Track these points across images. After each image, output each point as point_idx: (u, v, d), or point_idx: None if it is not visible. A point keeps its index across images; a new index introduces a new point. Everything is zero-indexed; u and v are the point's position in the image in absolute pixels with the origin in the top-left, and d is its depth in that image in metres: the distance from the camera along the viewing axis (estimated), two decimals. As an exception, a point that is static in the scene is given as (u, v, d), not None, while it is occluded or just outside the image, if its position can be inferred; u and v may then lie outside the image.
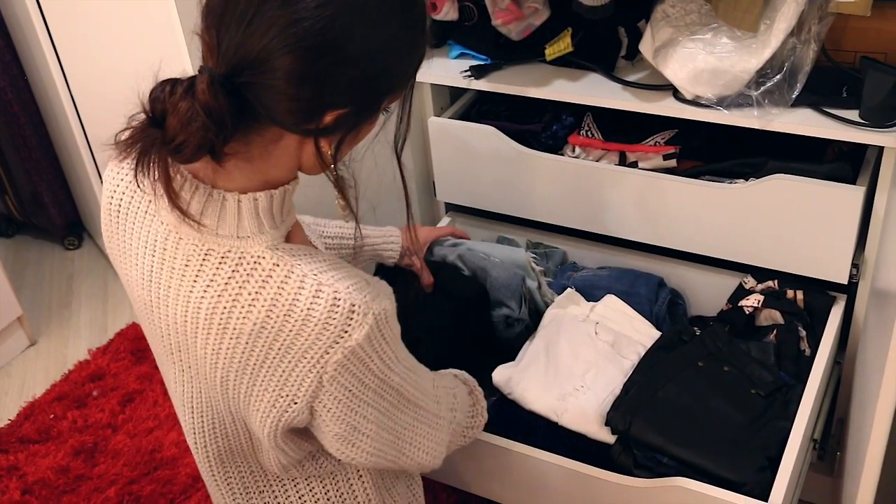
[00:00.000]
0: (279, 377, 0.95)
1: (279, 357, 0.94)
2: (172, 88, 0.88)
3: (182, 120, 0.86)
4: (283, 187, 0.97)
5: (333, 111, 0.90)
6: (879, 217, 1.44)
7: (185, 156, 0.88)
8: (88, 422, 2.16)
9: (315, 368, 0.93)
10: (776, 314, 1.53)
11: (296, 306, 0.92)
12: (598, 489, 1.32)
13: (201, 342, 0.98)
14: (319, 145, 0.93)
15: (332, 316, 0.91)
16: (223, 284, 0.95)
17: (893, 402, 1.12)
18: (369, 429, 1.01)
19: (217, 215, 0.95)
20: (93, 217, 2.69)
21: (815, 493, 1.70)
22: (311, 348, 0.92)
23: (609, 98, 1.57)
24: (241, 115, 0.88)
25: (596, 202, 1.65)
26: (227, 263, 0.95)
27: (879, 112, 1.37)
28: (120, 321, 2.54)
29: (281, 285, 0.93)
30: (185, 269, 0.97)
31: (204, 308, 0.96)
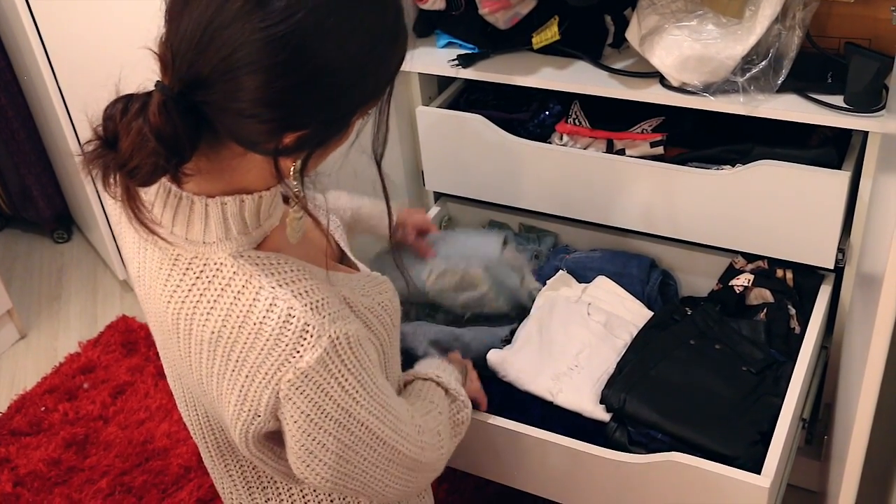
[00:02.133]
0: (240, 388, 0.92)
1: (237, 368, 0.91)
2: (125, 107, 0.83)
3: (134, 143, 0.80)
4: (257, 194, 0.92)
5: (294, 133, 0.84)
6: (864, 202, 1.45)
7: (142, 180, 0.83)
8: (80, 414, 2.17)
9: (270, 385, 0.90)
10: (766, 293, 1.55)
11: (249, 318, 0.89)
12: (594, 466, 1.33)
13: (175, 345, 0.98)
14: (278, 165, 0.88)
15: (283, 332, 0.88)
16: (186, 291, 0.93)
17: (877, 386, 1.13)
18: (328, 458, 0.96)
19: (186, 220, 0.92)
20: (82, 210, 2.68)
21: (804, 477, 1.72)
22: (265, 363, 0.89)
23: (596, 86, 1.58)
24: (198, 133, 0.84)
25: (584, 190, 1.66)
26: (192, 270, 0.92)
27: (864, 97, 1.38)
28: (110, 314, 2.54)
29: (237, 295, 0.90)
30: (158, 272, 0.95)
31: (171, 313, 0.95)
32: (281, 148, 0.86)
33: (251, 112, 0.81)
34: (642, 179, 1.59)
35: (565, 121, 1.69)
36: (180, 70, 0.81)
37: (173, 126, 0.80)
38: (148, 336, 2.40)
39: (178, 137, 0.81)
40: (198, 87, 0.81)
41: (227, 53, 0.78)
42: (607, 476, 1.34)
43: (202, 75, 0.80)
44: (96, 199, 2.44)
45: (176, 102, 0.80)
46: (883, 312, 1.07)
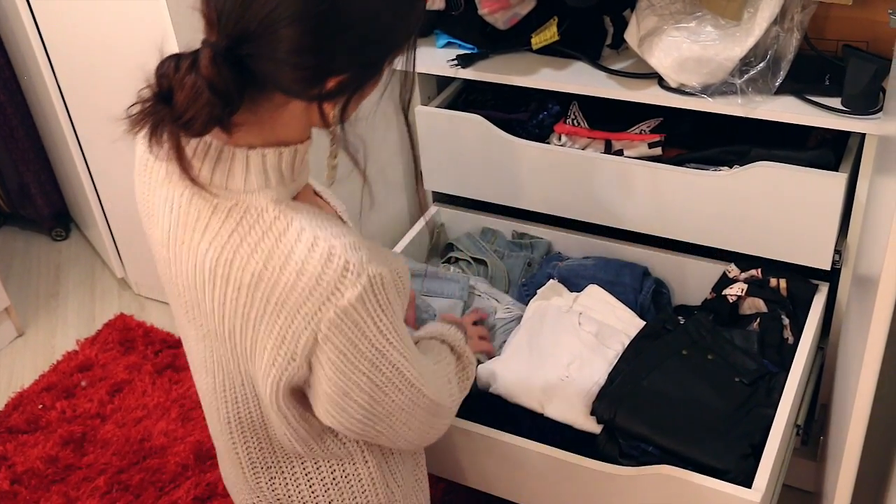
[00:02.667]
0: (278, 332, 0.96)
1: (276, 311, 0.95)
2: (177, 64, 0.89)
3: (189, 96, 0.88)
4: (293, 146, 0.98)
5: (336, 77, 0.92)
6: (861, 203, 1.46)
7: (196, 130, 0.90)
8: (77, 412, 2.17)
9: (310, 325, 0.93)
10: (759, 303, 1.55)
11: (291, 258, 0.93)
12: (584, 478, 1.33)
13: (209, 296, 1.00)
14: (323, 110, 0.95)
15: (325, 271, 0.92)
16: (227, 236, 0.96)
17: (873, 386, 1.13)
18: (361, 398, 1.00)
19: (227, 171, 0.96)
20: (80, 208, 2.68)
21: (800, 478, 1.72)
22: (306, 303, 0.93)
23: (595, 86, 1.58)
24: (245, 85, 0.90)
25: (582, 190, 1.66)
26: (233, 216, 0.96)
27: (861, 99, 1.39)
28: (108, 311, 2.54)
29: (279, 237, 0.94)
30: (196, 223, 0.99)
31: (209, 260, 0.98)
32: (324, 93, 0.93)
33: (295, 60, 0.89)
34: (640, 180, 1.59)
35: (564, 121, 1.70)
36: (227, 27, 0.88)
37: (224, 78, 0.87)
38: (146, 334, 2.40)
39: (229, 89, 0.88)
40: (244, 41, 0.87)
41: (270, 9, 0.86)
42: (597, 488, 1.34)
43: (248, 30, 0.87)
44: (94, 196, 2.44)
45: (224, 56, 0.87)
46: (879, 313, 1.08)
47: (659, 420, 1.35)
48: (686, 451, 1.31)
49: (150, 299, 2.59)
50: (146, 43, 2.02)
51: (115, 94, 2.17)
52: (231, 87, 0.88)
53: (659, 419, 1.35)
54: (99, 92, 2.17)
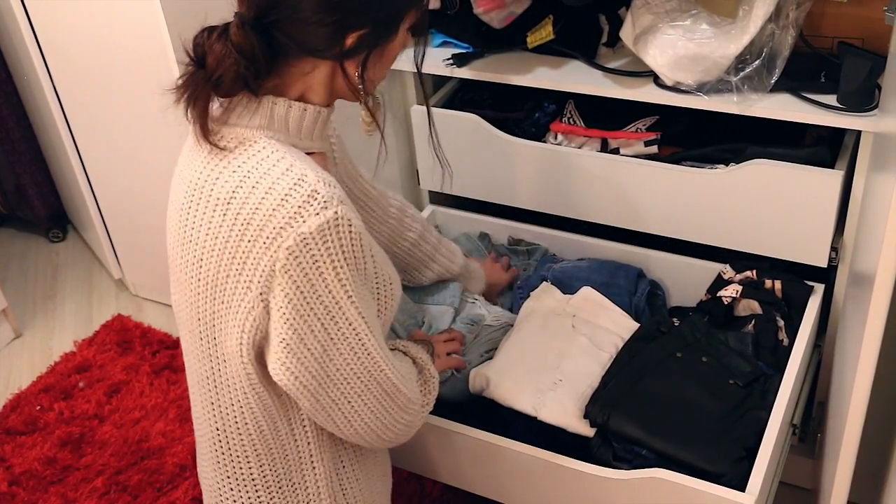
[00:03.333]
0: (240, 257, 0.98)
1: (242, 231, 0.98)
2: (210, 33, 1.00)
3: (217, 58, 0.98)
4: (311, 107, 1.05)
5: (354, 32, 1.00)
6: (857, 200, 1.46)
7: (224, 89, 0.99)
8: (75, 413, 2.16)
9: (269, 251, 0.96)
10: (754, 304, 1.54)
11: (265, 179, 0.98)
12: (577, 481, 1.33)
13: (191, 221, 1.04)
14: (345, 67, 1.04)
15: (292, 193, 0.96)
16: (217, 160, 1.03)
17: (869, 383, 1.13)
18: (315, 347, 0.99)
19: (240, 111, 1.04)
20: (77, 209, 2.68)
21: (798, 475, 1.72)
22: (268, 225, 0.96)
23: (590, 85, 1.58)
24: (272, 50, 1.00)
25: (578, 189, 1.66)
26: (228, 147, 1.03)
27: (857, 96, 1.39)
28: (105, 313, 2.54)
29: (261, 161, 1.00)
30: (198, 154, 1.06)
31: (199, 181, 1.04)
32: (345, 50, 1.02)
33: (315, 18, 0.98)
34: (636, 178, 1.59)
35: (560, 120, 1.70)
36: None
37: (251, 43, 0.98)
38: (144, 335, 2.40)
39: (254, 52, 0.98)
40: (269, 8, 0.98)
41: None
42: (591, 492, 1.33)
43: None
44: (91, 197, 2.44)
45: (252, 25, 0.98)
46: (875, 310, 1.08)
47: (653, 423, 1.34)
48: (680, 455, 1.31)
49: (148, 300, 2.59)
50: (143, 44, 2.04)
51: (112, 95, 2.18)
52: (256, 51, 0.98)
53: (653, 422, 1.35)
54: (95, 93, 2.17)
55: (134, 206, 2.36)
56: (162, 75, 1.90)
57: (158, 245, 2.33)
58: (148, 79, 1.99)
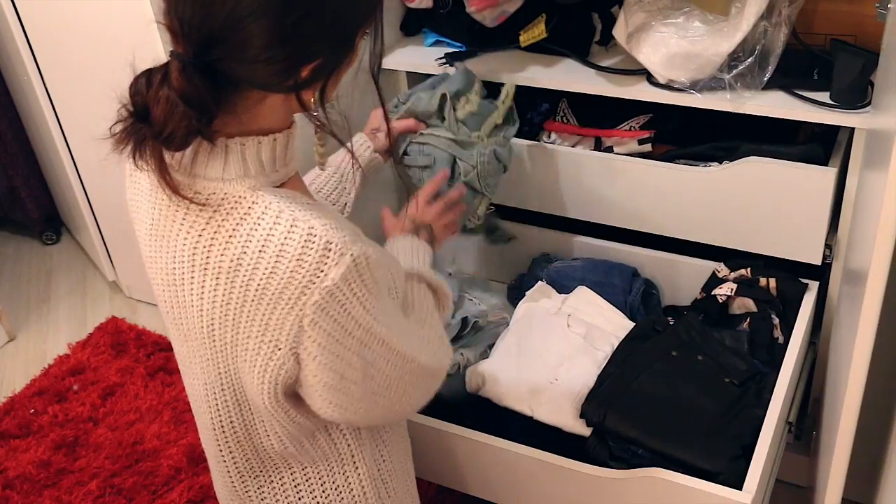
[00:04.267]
0: (259, 320, 0.94)
1: (257, 298, 0.93)
2: (149, 80, 0.89)
3: (164, 111, 0.88)
4: (273, 135, 0.97)
5: (309, 64, 0.91)
6: (851, 197, 1.46)
7: (178, 144, 0.90)
8: (69, 416, 2.16)
9: (294, 311, 0.91)
10: (749, 302, 1.54)
11: (270, 241, 0.92)
12: (574, 481, 1.33)
13: (188, 288, 0.99)
14: (301, 99, 0.95)
15: (305, 252, 0.90)
16: (204, 223, 0.95)
17: (863, 380, 1.13)
18: (356, 377, 0.99)
19: (206, 160, 0.95)
20: (70, 211, 2.68)
21: (793, 473, 1.72)
22: (287, 288, 0.91)
23: (584, 84, 1.58)
24: (219, 90, 0.90)
25: (572, 187, 1.66)
26: (210, 204, 0.95)
27: (850, 93, 1.39)
28: (99, 315, 2.53)
29: (258, 220, 0.93)
30: (175, 215, 0.98)
31: (188, 249, 0.97)
32: (300, 82, 0.92)
33: (266, 56, 0.88)
34: (630, 177, 1.59)
35: (553, 119, 1.70)
36: (190, 34, 0.87)
37: (196, 87, 0.87)
38: (138, 337, 2.39)
39: (202, 98, 0.87)
40: (210, 46, 0.87)
41: (230, 8, 0.85)
42: (587, 491, 1.33)
43: (212, 34, 0.86)
44: (84, 200, 2.43)
45: (193, 66, 0.87)
46: (868, 307, 1.08)
47: (649, 422, 1.34)
48: (676, 454, 1.31)
49: (142, 302, 2.58)
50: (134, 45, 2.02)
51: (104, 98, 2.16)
52: (205, 95, 0.87)
53: (649, 421, 1.34)
54: (87, 95, 2.16)
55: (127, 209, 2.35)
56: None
57: (152, 247, 2.34)
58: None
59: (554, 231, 1.77)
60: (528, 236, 1.80)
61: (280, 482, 1.14)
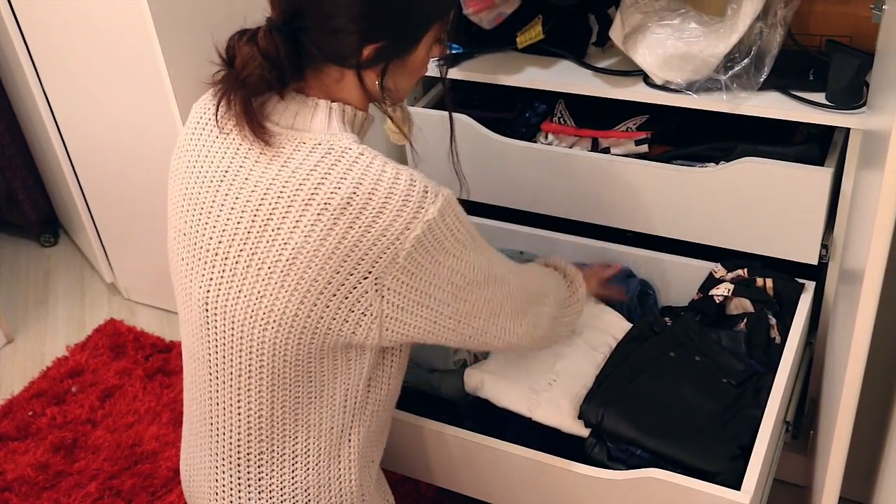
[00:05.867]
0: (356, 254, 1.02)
1: (361, 232, 1.02)
2: (241, 36, 1.04)
3: (244, 60, 1.02)
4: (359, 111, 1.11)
5: (371, 44, 1.04)
6: (847, 198, 1.46)
7: (248, 88, 1.04)
8: (67, 418, 2.16)
9: (394, 245, 1.02)
10: (746, 303, 1.55)
11: (380, 185, 1.02)
12: (572, 482, 1.33)
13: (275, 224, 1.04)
14: (362, 77, 1.07)
15: (410, 194, 1.02)
16: (313, 165, 1.04)
17: (859, 380, 1.14)
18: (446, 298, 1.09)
19: (310, 116, 1.08)
20: (68, 213, 2.68)
21: (790, 472, 1.73)
22: (394, 223, 1.02)
23: (580, 85, 1.58)
24: (300, 57, 1.05)
25: (569, 188, 1.66)
26: (318, 151, 1.05)
27: (845, 94, 1.39)
28: (98, 317, 2.53)
29: (366, 168, 1.03)
30: (272, 160, 1.06)
31: (290, 187, 1.04)
32: (362, 61, 1.06)
33: (337, 27, 1.02)
34: (627, 178, 1.60)
35: (550, 120, 1.70)
36: (281, 2, 1.04)
37: (276, 48, 1.02)
38: (136, 339, 2.39)
39: (279, 57, 1.03)
40: (296, 15, 1.03)
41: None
42: (586, 492, 1.33)
43: (298, 4, 1.02)
44: (82, 201, 2.43)
45: (279, 30, 1.03)
46: (864, 306, 1.08)
47: (647, 423, 1.34)
48: (675, 454, 1.31)
49: (140, 304, 2.58)
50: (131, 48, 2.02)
51: (101, 98, 2.17)
52: (282, 55, 1.02)
53: (647, 422, 1.35)
54: (85, 97, 2.16)
55: (126, 210, 2.35)
56: (152, 78, 1.89)
57: (151, 248, 2.35)
58: (138, 82, 1.99)
59: (552, 232, 1.77)
60: (527, 237, 1.80)
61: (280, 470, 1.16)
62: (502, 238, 1.82)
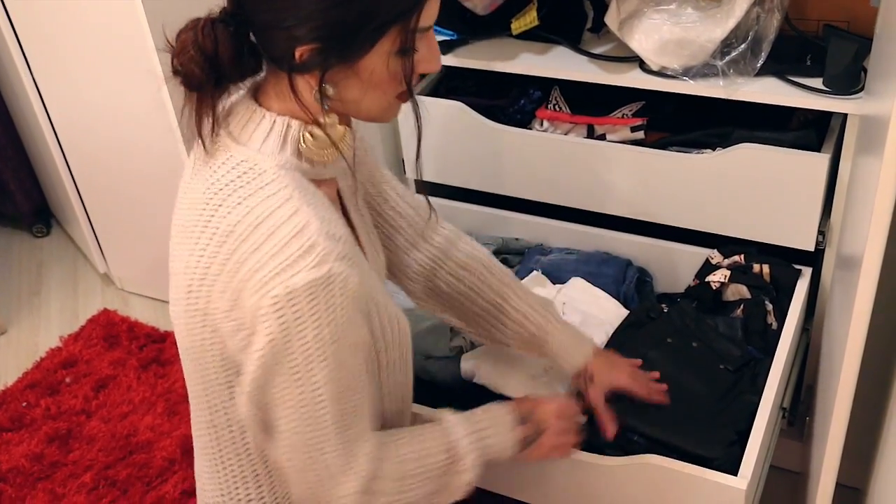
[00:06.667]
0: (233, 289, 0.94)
1: (237, 266, 0.93)
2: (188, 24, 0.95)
3: (179, 50, 0.93)
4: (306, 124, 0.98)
5: (304, 45, 0.92)
6: (844, 184, 1.46)
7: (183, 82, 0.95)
8: (62, 408, 2.15)
9: (258, 293, 0.91)
10: (743, 289, 1.54)
11: (269, 220, 0.92)
12: (569, 468, 1.32)
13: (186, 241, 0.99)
14: (294, 83, 0.95)
15: (292, 242, 0.90)
16: (225, 184, 0.97)
17: (857, 367, 1.13)
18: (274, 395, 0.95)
19: (252, 130, 0.98)
20: (61, 204, 2.66)
21: (786, 459, 1.73)
22: (264, 268, 0.91)
23: (576, 71, 1.57)
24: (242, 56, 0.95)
25: (565, 175, 1.65)
26: (238, 168, 0.97)
27: (843, 79, 1.39)
28: (91, 307, 2.52)
29: (268, 197, 0.94)
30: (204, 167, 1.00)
31: (199, 203, 0.98)
32: (294, 64, 0.93)
33: (268, 22, 0.92)
34: (623, 164, 1.59)
35: (545, 107, 1.69)
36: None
37: (210, 40, 0.92)
38: (130, 329, 2.38)
39: (215, 51, 0.92)
40: (241, 7, 0.94)
41: None
42: (583, 478, 1.32)
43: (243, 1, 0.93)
44: (75, 192, 2.42)
45: (224, 22, 0.93)
46: (862, 292, 1.07)
47: (644, 409, 1.34)
48: (672, 440, 1.30)
49: (134, 294, 2.57)
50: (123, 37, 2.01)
51: (93, 87, 2.15)
52: (221, 52, 0.92)
53: (644, 408, 1.34)
54: (76, 85, 2.14)
55: (119, 200, 2.34)
56: (144, 68, 1.88)
57: (144, 238, 2.34)
58: (130, 72, 1.98)
59: (547, 220, 1.76)
60: (522, 224, 1.79)
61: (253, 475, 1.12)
62: (497, 226, 1.81)
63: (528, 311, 1.31)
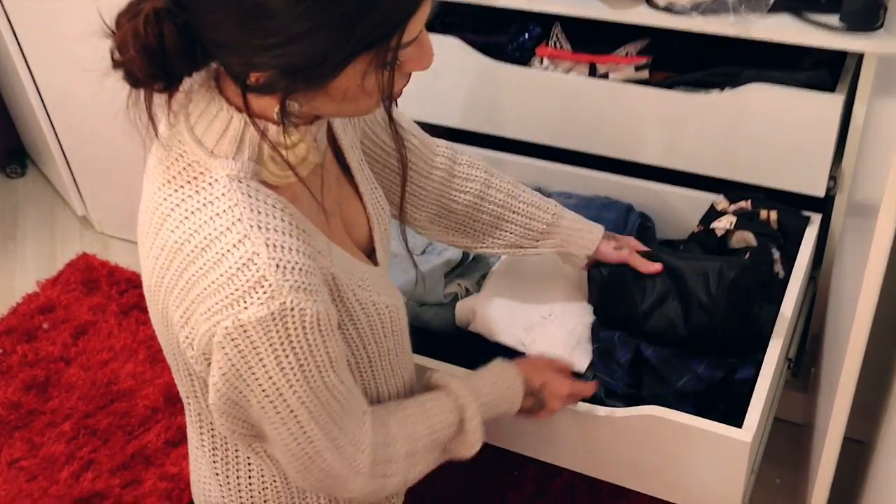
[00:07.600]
0: (185, 309, 0.87)
1: (187, 288, 0.86)
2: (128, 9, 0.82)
3: (119, 42, 0.82)
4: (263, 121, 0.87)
5: (256, 72, 0.82)
6: (858, 127, 1.40)
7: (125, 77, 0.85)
8: (39, 355, 2.10)
9: (210, 321, 0.84)
10: (749, 236, 1.49)
11: (214, 245, 0.84)
12: (569, 420, 1.29)
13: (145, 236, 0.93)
14: (247, 101, 0.84)
15: (237, 276, 0.83)
16: (174, 189, 0.89)
17: (871, 315, 1.09)
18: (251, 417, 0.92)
19: (207, 124, 0.88)
20: (36, 144, 2.58)
21: (789, 410, 1.70)
22: (211, 298, 0.84)
23: (578, 7, 1.50)
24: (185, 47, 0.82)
25: (565, 115, 1.59)
26: (189, 172, 0.88)
27: (861, 15, 1.32)
28: (69, 251, 2.46)
29: (214, 216, 0.85)
30: (159, 164, 0.92)
31: (152, 204, 0.91)
32: (250, 84, 0.83)
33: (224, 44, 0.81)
34: (626, 104, 1.53)
35: (546, 44, 1.62)
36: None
37: (152, 34, 0.80)
38: (110, 274, 2.32)
39: (158, 45, 0.81)
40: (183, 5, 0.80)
41: None
42: (585, 430, 1.29)
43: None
44: (51, 130, 2.34)
45: (168, 13, 0.80)
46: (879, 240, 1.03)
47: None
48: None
49: (114, 237, 2.51)
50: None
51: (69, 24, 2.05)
52: (169, 46, 0.81)
53: None
54: (51, 19, 2.06)
55: (97, 139, 2.26)
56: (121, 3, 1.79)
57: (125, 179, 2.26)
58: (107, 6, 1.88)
59: (546, 161, 1.71)
60: (520, 167, 1.73)
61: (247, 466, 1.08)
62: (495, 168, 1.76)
63: (536, 201, 1.32)
